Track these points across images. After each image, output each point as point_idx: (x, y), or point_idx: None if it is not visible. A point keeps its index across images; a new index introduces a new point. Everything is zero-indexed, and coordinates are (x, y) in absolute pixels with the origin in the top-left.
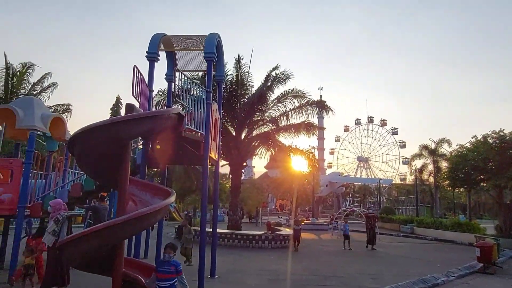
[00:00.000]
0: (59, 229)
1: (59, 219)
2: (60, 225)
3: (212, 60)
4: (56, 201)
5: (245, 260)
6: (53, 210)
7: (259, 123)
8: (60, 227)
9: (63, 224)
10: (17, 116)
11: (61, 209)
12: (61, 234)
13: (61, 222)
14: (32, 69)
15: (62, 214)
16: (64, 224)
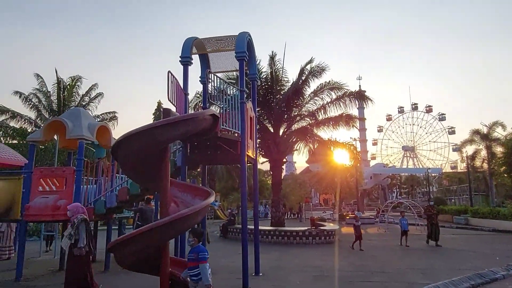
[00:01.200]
0: (74, 232)
1: (75, 222)
2: (75, 228)
3: (243, 59)
4: (74, 205)
5: (289, 257)
6: (71, 214)
7: (297, 118)
8: (75, 230)
9: (79, 226)
10: (67, 127)
11: (78, 212)
12: (80, 237)
13: (76, 225)
14: (80, 81)
15: (78, 217)
16: (81, 227)
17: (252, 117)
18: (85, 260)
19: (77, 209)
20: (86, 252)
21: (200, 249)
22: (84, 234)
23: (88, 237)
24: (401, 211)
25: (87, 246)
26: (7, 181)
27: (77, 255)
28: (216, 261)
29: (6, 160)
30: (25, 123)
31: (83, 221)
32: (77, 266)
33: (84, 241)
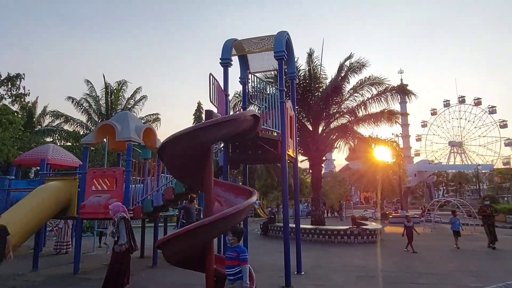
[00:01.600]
0: (115, 230)
1: (115, 220)
2: (116, 226)
3: (282, 58)
4: (114, 204)
5: (330, 256)
6: (113, 213)
7: (336, 116)
8: (116, 228)
9: (119, 224)
10: (116, 130)
11: (119, 211)
12: (120, 234)
13: (117, 223)
14: (125, 85)
15: (118, 215)
16: (120, 225)
17: (292, 116)
18: (125, 257)
19: (117, 208)
20: (126, 249)
21: (241, 249)
22: (124, 232)
23: (128, 235)
24: (453, 210)
25: (127, 243)
26: (65, 181)
27: (117, 251)
28: (257, 259)
29: (63, 161)
30: (77, 126)
31: (122, 219)
32: (117, 262)
33: (124, 238)
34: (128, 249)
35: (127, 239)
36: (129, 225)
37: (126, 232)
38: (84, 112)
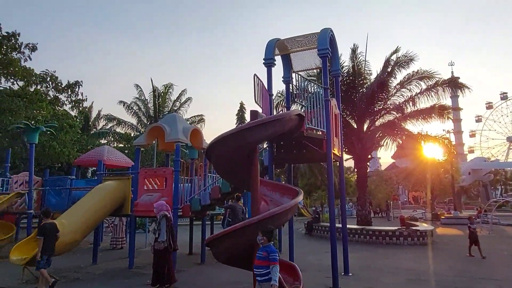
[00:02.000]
0: (157, 227)
1: (158, 218)
2: (158, 223)
3: (326, 56)
4: (159, 203)
5: (379, 257)
6: (157, 211)
7: (382, 112)
8: (158, 225)
9: (161, 222)
10: (165, 132)
11: (162, 210)
12: (161, 232)
13: (159, 221)
14: (171, 88)
15: (160, 213)
16: (162, 223)
17: (337, 114)
18: (164, 254)
19: (161, 207)
20: (165, 247)
21: (271, 249)
22: (164, 230)
23: (168, 233)
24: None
25: (166, 241)
26: (120, 181)
27: (157, 248)
28: (303, 259)
29: (117, 162)
30: (128, 129)
31: (164, 217)
32: (158, 258)
33: (164, 236)
34: (167, 247)
35: (166, 237)
36: (170, 224)
37: (166, 230)
38: (134, 115)
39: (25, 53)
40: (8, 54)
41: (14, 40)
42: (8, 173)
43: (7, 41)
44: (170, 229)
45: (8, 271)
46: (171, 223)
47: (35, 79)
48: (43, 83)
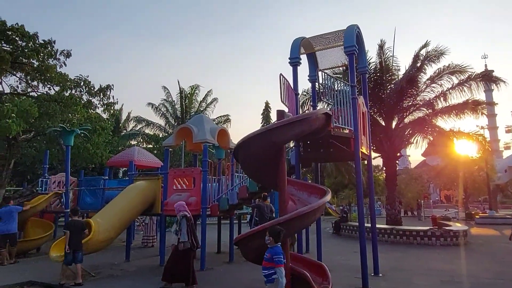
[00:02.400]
0: (178, 228)
1: (178, 219)
2: (178, 224)
3: (353, 53)
4: (178, 204)
5: (410, 258)
6: (177, 212)
7: (411, 109)
8: (178, 226)
9: (181, 223)
10: (193, 132)
11: (181, 210)
12: (182, 232)
13: (179, 221)
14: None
15: (180, 214)
16: (182, 223)
17: (365, 112)
18: (188, 254)
19: (180, 207)
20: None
21: (275, 250)
22: (184, 230)
23: (190, 233)
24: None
25: (188, 242)
26: (150, 181)
27: (180, 249)
28: (331, 258)
29: (146, 162)
30: (157, 130)
31: (184, 217)
32: (179, 259)
33: (185, 236)
34: (190, 247)
35: (188, 237)
36: (191, 223)
37: (187, 231)
38: (162, 116)
39: (60, 59)
40: (45, 61)
41: (50, 47)
42: (46, 174)
43: (43, 49)
44: (191, 228)
45: (49, 267)
46: (192, 223)
47: (70, 84)
48: (77, 87)
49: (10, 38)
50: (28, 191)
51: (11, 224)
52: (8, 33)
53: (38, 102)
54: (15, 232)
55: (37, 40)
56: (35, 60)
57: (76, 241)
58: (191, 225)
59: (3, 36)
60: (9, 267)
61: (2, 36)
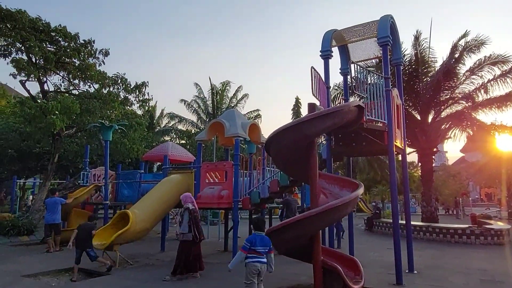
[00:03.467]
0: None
1: (182, 211)
2: (181, 216)
3: (387, 44)
4: (183, 195)
5: (447, 256)
6: (183, 203)
7: (449, 102)
8: (181, 217)
9: (184, 215)
10: (225, 127)
11: (187, 202)
12: (182, 224)
13: (182, 213)
14: (228, 86)
15: (184, 206)
16: (185, 215)
17: (399, 105)
18: (189, 245)
19: (185, 199)
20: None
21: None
22: (186, 222)
23: (193, 225)
24: None
25: (189, 234)
26: (184, 174)
27: (183, 240)
28: (364, 255)
29: (180, 157)
30: (189, 126)
31: (186, 210)
32: (182, 249)
33: (186, 228)
34: (193, 239)
35: (190, 229)
36: (194, 216)
37: (190, 223)
38: (194, 112)
39: (99, 58)
40: (85, 60)
41: (90, 47)
42: (87, 168)
43: (84, 48)
44: (194, 220)
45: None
46: (196, 215)
47: (108, 81)
48: (115, 85)
49: (54, 39)
50: (71, 183)
51: (56, 215)
52: (52, 34)
53: (79, 99)
54: (59, 222)
55: (78, 40)
56: (76, 59)
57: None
58: (195, 217)
59: (47, 37)
60: (55, 254)
61: (46, 37)
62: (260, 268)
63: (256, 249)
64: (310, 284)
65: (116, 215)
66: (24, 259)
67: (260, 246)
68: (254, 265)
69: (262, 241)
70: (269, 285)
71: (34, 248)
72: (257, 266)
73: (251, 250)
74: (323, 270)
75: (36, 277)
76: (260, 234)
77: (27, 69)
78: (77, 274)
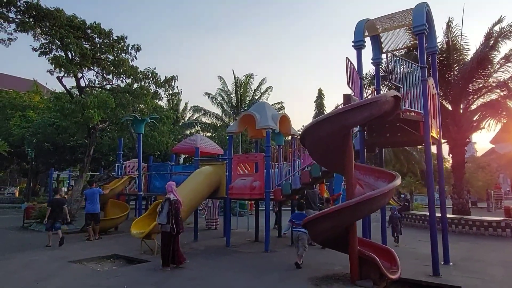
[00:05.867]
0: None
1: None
2: (161, 206)
3: (423, 32)
4: (168, 184)
5: (482, 249)
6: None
7: (482, 91)
8: (161, 207)
9: (163, 205)
10: (256, 119)
11: (169, 191)
12: (160, 214)
13: (162, 203)
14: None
15: (166, 196)
16: (164, 206)
17: (434, 95)
18: (168, 237)
19: (168, 187)
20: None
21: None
22: (165, 213)
23: (171, 216)
24: None
25: (166, 225)
26: (215, 166)
27: (163, 231)
28: (395, 246)
29: (208, 149)
30: (213, 118)
31: (167, 200)
32: (163, 240)
33: (164, 219)
34: (170, 230)
35: (168, 220)
36: (175, 207)
37: (168, 214)
38: (218, 105)
39: (131, 53)
40: (119, 55)
41: (123, 42)
42: (121, 160)
43: (117, 44)
44: (172, 212)
45: (129, 243)
46: (176, 206)
47: (140, 76)
48: (145, 79)
49: (89, 36)
50: (105, 175)
51: (96, 205)
52: (88, 31)
53: (113, 94)
54: (99, 212)
55: (111, 36)
56: (110, 55)
57: (56, 215)
58: (175, 208)
59: (83, 34)
60: (95, 242)
61: (82, 34)
62: (298, 235)
63: (295, 222)
64: (345, 273)
65: (153, 205)
66: (67, 247)
67: (298, 220)
68: (295, 233)
69: (300, 217)
70: (304, 274)
71: (74, 236)
72: (297, 233)
73: (293, 222)
74: (359, 260)
75: (82, 263)
76: (300, 212)
77: (66, 66)
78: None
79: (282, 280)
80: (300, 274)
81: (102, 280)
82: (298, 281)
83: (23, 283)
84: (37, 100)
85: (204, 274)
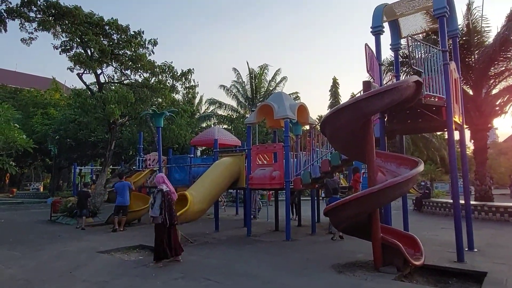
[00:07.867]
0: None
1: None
2: (153, 198)
3: (444, 15)
4: (158, 176)
5: (507, 235)
6: (157, 184)
7: (505, 74)
8: (153, 199)
9: (156, 197)
10: (274, 109)
11: (160, 183)
12: (154, 206)
13: (154, 195)
14: (267, 69)
15: (158, 188)
16: (157, 197)
17: (456, 79)
18: (162, 228)
19: (159, 179)
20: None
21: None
22: (157, 205)
23: (164, 208)
24: None
25: (159, 217)
26: (235, 157)
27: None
28: (418, 234)
29: (226, 141)
30: (229, 111)
31: (159, 191)
32: (156, 232)
33: (157, 211)
34: (162, 222)
35: (161, 212)
36: (168, 198)
37: (161, 205)
38: (233, 97)
39: (148, 48)
40: (136, 50)
41: (140, 37)
42: (142, 153)
43: (134, 39)
44: (166, 204)
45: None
46: (169, 198)
47: (157, 70)
48: (163, 73)
49: (107, 32)
50: (127, 169)
51: (125, 197)
52: (106, 27)
53: (132, 88)
54: (128, 204)
55: (129, 31)
56: (128, 50)
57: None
58: (168, 200)
59: (101, 30)
60: (120, 234)
61: (101, 31)
62: None
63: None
64: (368, 260)
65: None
66: (94, 238)
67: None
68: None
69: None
70: (326, 262)
71: (99, 228)
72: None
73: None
74: (382, 247)
75: (110, 253)
76: (335, 196)
77: (86, 63)
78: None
79: (306, 268)
80: (323, 262)
81: (130, 269)
82: (321, 268)
83: (57, 273)
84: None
85: (228, 262)
